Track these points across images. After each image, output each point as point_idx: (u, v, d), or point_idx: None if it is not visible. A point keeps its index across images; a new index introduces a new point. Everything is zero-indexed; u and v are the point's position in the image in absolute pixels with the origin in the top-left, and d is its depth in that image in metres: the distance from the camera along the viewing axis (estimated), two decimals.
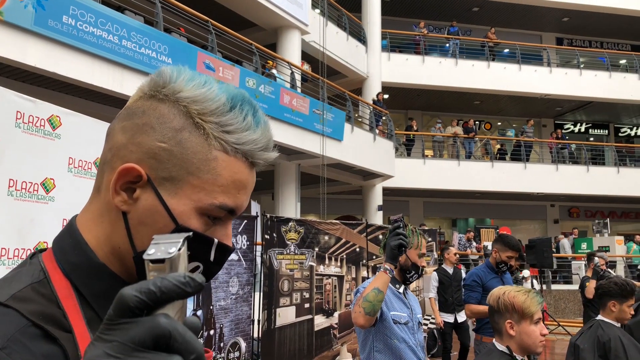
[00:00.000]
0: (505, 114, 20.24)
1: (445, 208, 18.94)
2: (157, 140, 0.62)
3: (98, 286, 0.62)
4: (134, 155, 0.63)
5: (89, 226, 0.65)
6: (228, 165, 0.63)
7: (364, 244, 6.90)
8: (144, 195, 0.62)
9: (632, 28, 19.24)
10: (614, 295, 2.91)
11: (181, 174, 0.62)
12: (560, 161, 16.69)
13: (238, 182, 0.64)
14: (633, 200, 18.31)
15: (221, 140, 0.63)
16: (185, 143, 0.62)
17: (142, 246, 0.62)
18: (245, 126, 0.64)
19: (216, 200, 0.63)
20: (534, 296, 1.75)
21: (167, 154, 0.62)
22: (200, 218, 0.63)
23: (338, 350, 6.46)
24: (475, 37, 18.05)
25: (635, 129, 21.77)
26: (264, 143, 0.66)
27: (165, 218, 0.62)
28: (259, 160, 0.66)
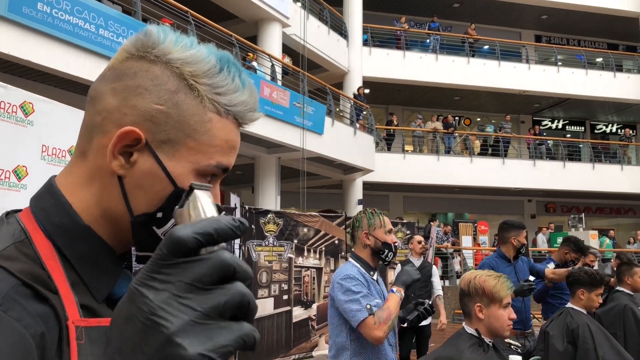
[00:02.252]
0: (485, 109, 20.46)
1: (425, 203, 19.10)
2: (153, 103, 0.61)
3: (82, 249, 0.61)
4: (128, 118, 0.61)
5: (72, 190, 0.64)
6: (222, 126, 0.64)
7: (343, 236, 6.94)
8: (141, 158, 0.61)
9: (608, 27, 19.59)
10: (583, 284, 2.97)
11: (179, 136, 0.62)
12: (537, 157, 16.95)
13: (231, 141, 0.65)
14: (607, 196, 18.70)
15: (214, 102, 0.63)
16: (182, 105, 0.62)
17: (138, 209, 0.62)
18: (234, 87, 0.64)
19: (213, 160, 0.63)
20: (504, 281, 1.78)
21: (164, 116, 0.62)
22: (199, 179, 0.63)
23: (316, 342, 6.49)
24: (455, 33, 18.19)
25: (611, 126, 22.21)
26: (251, 104, 0.67)
27: (163, 181, 0.62)
28: (247, 121, 0.67)
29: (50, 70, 6.02)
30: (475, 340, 1.74)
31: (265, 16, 11.27)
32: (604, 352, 2.77)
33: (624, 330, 3.58)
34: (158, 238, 0.63)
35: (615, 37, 20.56)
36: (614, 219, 20.93)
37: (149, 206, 0.62)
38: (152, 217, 0.63)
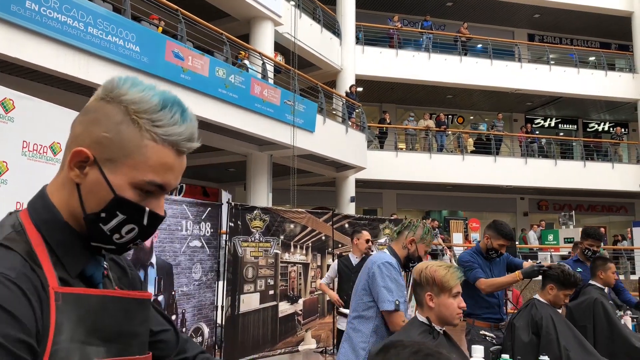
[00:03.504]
0: (478, 108, 20.56)
1: (418, 200, 19.20)
2: (102, 131, 0.82)
3: (61, 238, 0.83)
4: (86, 142, 0.83)
5: (53, 193, 0.86)
6: (156, 152, 0.83)
7: (330, 232, 7.02)
8: (91, 171, 0.82)
9: (601, 26, 19.70)
10: (555, 280, 3.03)
11: (119, 156, 0.82)
12: (529, 155, 17.07)
13: (165, 164, 0.84)
14: (599, 194, 18.82)
15: (152, 132, 0.82)
16: (123, 134, 0.82)
17: (90, 209, 0.83)
18: (172, 122, 0.83)
19: (146, 177, 0.82)
20: (454, 271, 1.86)
21: (108, 141, 0.82)
22: (134, 190, 0.83)
23: (302, 336, 6.58)
24: (448, 32, 18.27)
25: (603, 125, 22.34)
26: (187, 135, 0.85)
27: (106, 189, 0.82)
28: (183, 149, 0.85)
29: (40, 67, 6.08)
30: (425, 327, 1.83)
31: (257, 14, 11.33)
32: (566, 342, 2.86)
33: (593, 323, 3.67)
34: (104, 232, 0.84)
35: (608, 36, 20.67)
36: (606, 217, 21.08)
37: (97, 207, 0.83)
38: (98, 216, 0.83)
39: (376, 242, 7.73)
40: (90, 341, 0.79)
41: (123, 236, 0.85)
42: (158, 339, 0.99)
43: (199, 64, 8.15)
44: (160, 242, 4.71)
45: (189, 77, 7.94)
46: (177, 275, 4.93)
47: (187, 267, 5.07)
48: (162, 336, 1.01)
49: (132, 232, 0.85)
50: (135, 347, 0.88)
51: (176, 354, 1.02)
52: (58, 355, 0.75)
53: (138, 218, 0.84)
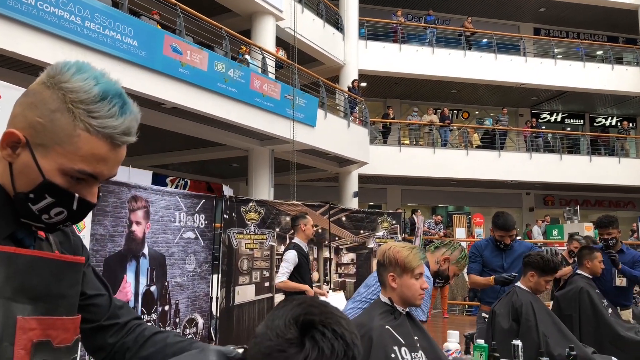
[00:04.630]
0: (483, 103, 20.45)
1: (423, 195, 19.15)
2: (36, 116, 0.83)
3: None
4: (20, 124, 0.84)
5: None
6: (89, 142, 0.83)
7: (327, 225, 7.04)
8: (23, 153, 0.84)
9: (608, 19, 19.50)
10: (535, 267, 3.03)
11: (50, 142, 0.83)
12: (534, 150, 16.96)
13: (97, 155, 0.85)
14: (606, 189, 18.67)
15: (86, 123, 0.83)
16: (56, 121, 0.83)
17: (19, 188, 0.85)
18: (108, 114, 0.84)
19: (75, 166, 0.84)
20: (416, 252, 1.87)
21: (41, 127, 0.83)
22: (64, 177, 0.84)
23: None
24: (452, 26, 18.18)
25: (610, 119, 22.13)
26: (122, 129, 0.85)
27: (36, 172, 0.84)
28: (117, 142, 0.86)
29: (36, 62, 6.13)
30: (387, 308, 1.84)
31: (258, 10, 11.34)
32: (545, 329, 2.86)
33: (579, 312, 3.66)
34: (33, 212, 0.86)
35: (615, 30, 20.46)
36: (612, 212, 20.82)
37: (26, 188, 0.85)
38: (27, 196, 0.85)
39: (374, 235, 7.75)
40: (16, 298, 0.82)
41: (52, 217, 0.87)
42: (90, 303, 1.01)
43: (198, 58, 8.18)
44: (153, 233, 4.76)
45: (187, 71, 7.97)
46: (171, 266, 4.98)
47: (180, 259, 5.11)
48: (96, 300, 1.03)
49: (61, 214, 0.87)
50: (63, 307, 0.90)
51: (106, 318, 1.03)
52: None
53: (67, 203, 0.86)
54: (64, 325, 0.90)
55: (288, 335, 0.68)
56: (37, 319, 0.85)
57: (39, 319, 0.85)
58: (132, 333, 1.05)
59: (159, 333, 1.05)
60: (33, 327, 0.84)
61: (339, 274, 7.28)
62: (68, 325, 0.91)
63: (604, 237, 4.45)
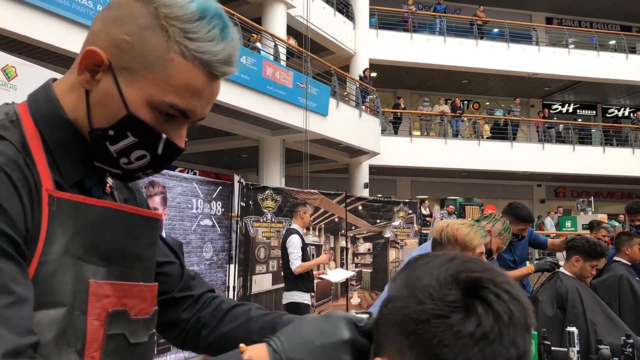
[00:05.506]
0: (494, 93, 20.20)
1: (433, 187, 18.97)
2: (123, 33, 0.69)
3: (61, 136, 0.71)
4: (102, 42, 0.70)
5: (61, 92, 0.73)
6: (183, 69, 0.69)
7: (343, 214, 6.89)
8: (104, 78, 0.70)
9: (621, 8, 19.19)
10: (580, 251, 2.88)
11: (138, 67, 0.69)
12: (547, 141, 16.73)
13: (192, 87, 0.70)
14: (618, 181, 18.43)
15: (182, 45, 0.68)
16: (147, 40, 0.68)
17: (97, 123, 0.70)
18: (208, 37, 0.69)
19: (166, 98, 0.69)
20: (477, 229, 1.73)
21: (129, 47, 0.69)
22: (151, 111, 0.70)
23: None
24: (464, 15, 17.91)
25: (623, 110, 21.84)
26: (223, 56, 0.70)
27: (118, 103, 0.69)
28: (216, 72, 0.71)
29: (48, 46, 6.02)
30: None
31: None
32: (593, 316, 2.71)
33: (619, 300, 3.51)
34: (110, 154, 0.72)
35: (628, 19, 20.14)
36: (624, 204, 20.63)
37: (105, 122, 0.70)
38: (106, 133, 0.70)
39: (390, 224, 7.61)
40: (87, 258, 0.69)
41: (132, 162, 0.73)
42: (161, 271, 0.86)
43: None
44: (170, 219, 4.63)
45: None
46: (188, 253, 4.85)
47: (197, 246, 4.99)
48: (166, 268, 0.88)
49: (142, 159, 0.73)
50: (139, 272, 0.77)
51: (179, 289, 0.89)
52: (46, 268, 0.64)
53: (152, 144, 0.72)
54: (141, 293, 0.76)
55: (449, 298, 0.52)
56: (112, 284, 0.72)
57: (113, 283, 0.72)
58: (208, 307, 0.90)
59: (238, 306, 0.91)
60: (108, 293, 0.71)
61: (355, 264, 7.14)
62: (146, 294, 0.77)
63: (635, 224, 4.32)
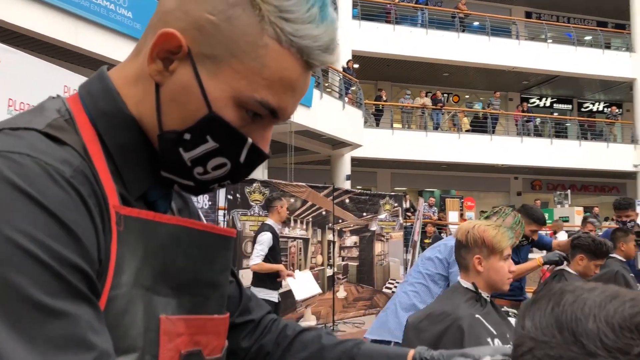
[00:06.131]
0: (473, 86, 20.34)
1: (412, 179, 19.06)
2: (205, 11, 0.55)
3: (123, 138, 0.58)
4: (178, 23, 0.56)
5: (121, 84, 0.60)
6: (278, 57, 0.56)
7: (330, 207, 6.82)
8: (181, 69, 0.56)
9: (598, 4, 19.46)
10: (585, 250, 2.86)
11: (224, 54, 0.55)
12: (525, 134, 16.94)
13: (286, 79, 0.57)
14: (592, 174, 18.79)
15: (277, 27, 0.55)
16: (236, 21, 0.55)
17: (169, 124, 0.57)
18: (307, 18, 0.56)
19: (257, 94, 0.56)
20: (504, 231, 1.67)
21: (213, 28, 0.55)
22: (237, 110, 0.57)
23: (302, 312, 6.42)
24: (445, 8, 17.93)
25: (597, 105, 22.24)
26: (324, 42, 0.58)
27: (198, 100, 0.56)
28: (314, 61, 0.58)
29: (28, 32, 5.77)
30: (472, 294, 1.63)
31: None
32: None
33: None
34: (183, 162, 0.58)
35: (605, 15, 20.44)
36: (598, 197, 21.10)
37: (179, 124, 0.57)
38: (180, 137, 0.57)
39: (377, 218, 7.57)
40: (157, 289, 0.56)
41: (208, 172, 0.59)
42: None
43: None
44: None
45: None
46: None
47: None
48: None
49: (221, 168, 0.59)
50: (214, 302, 0.64)
51: (239, 314, 0.77)
52: (116, 305, 0.52)
53: (235, 150, 0.58)
54: (216, 327, 0.65)
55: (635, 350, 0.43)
56: (185, 319, 0.59)
57: (186, 318, 0.60)
58: (270, 332, 0.79)
59: (305, 331, 0.80)
60: (180, 331, 0.58)
61: (342, 257, 7.09)
62: (220, 328, 0.66)
63: (622, 220, 4.33)
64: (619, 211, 4.44)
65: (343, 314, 7.06)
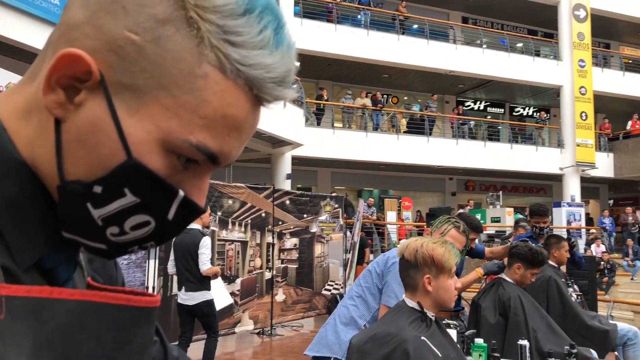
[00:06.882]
0: (412, 89, 20.76)
1: (352, 179, 19.22)
2: (126, 28, 0.42)
3: (10, 190, 0.43)
4: (88, 41, 0.43)
5: (8, 118, 0.46)
6: (221, 90, 0.44)
7: (270, 208, 6.69)
8: (90, 101, 0.43)
9: (529, 13, 20.35)
10: (522, 259, 2.90)
11: (150, 84, 0.43)
12: (460, 136, 17.47)
13: (231, 118, 0.45)
14: (522, 176, 19.67)
15: (220, 52, 0.43)
16: (167, 42, 0.42)
17: (73, 173, 0.43)
18: (259, 42, 0.44)
19: (193, 137, 0.44)
20: (451, 248, 1.62)
21: (135, 51, 0.42)
22: (166, 156, 0.44)
23: (239, 317, 6.25)
24: (386, 9, 18.17)
25: (527, 109, 23.31)
26: (279, 73, 0.45)
27: (114, 142, 0.43)
28: (266, 96, 0.46)
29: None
30: (417, 314, 1.57)
31: None
32: (534, 324, 2.73)
33: (547, 301, 3.62)
34: (92, 221, 0.44)
35: (535, 24, 21.42)
36: (526, 198, 22.14)
37: (88, 172, 0.44)
38: (88, 190, 0.43)
39: (317, 219, 7.50)
40: None
41: (125, 232, 0.46)
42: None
43: None
44: None
45: None
46: None
47: None
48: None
49: (143, 227, 0.46)
50: None
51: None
52: None
53: (161, 206, 0.45)
54: None
55: None
56: None
57: None
58: None
59: None
60: None
61: (281, 260, 6.97)
62: None
63: (539, 225, 4.44)
64: (537, 217, 4.55)
65: (281, 318, 6.95)
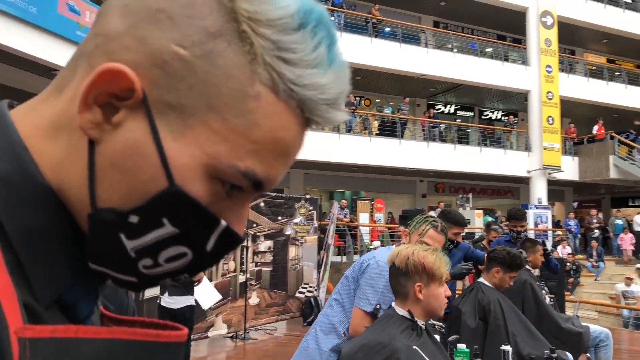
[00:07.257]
0: (385, 91, 20.91)
1: (325, 180, 19.24)
2: (173, 42, 0.38)
3: (33, 219, 0.38)
4: (129, 55, 0.38)
5: (31, 136, 0.40)
6: (273, 113, 0.40)
7: None
8: (130, 121, 0.39)
9: (498, 19, 20.77)
10: (501, 263, 2.93)
11: (198, 105, 0.38)
12: (431, 139, 17.69)
13: (280, 142, 0.41)
14: (491, 178, 20.04)
15: (273, 71, 0.39)
16: (217, 58, 0.38)
17: (106, 200, 0.39)
18: (313, 60, 0.40)
19: (241, 163, 0.40)
20: (442, 255, 1.61)
21: (183, 67, 0.38)
22: (210, 183, 0.40)
23: (212, 322, 6.15)
24: (359, 12, 18.25)
25: (496, 113, 23.77)
26: (333, 94, 0.42)
27: (154, 168, 0.38)
28: (318, 118, 0.43)
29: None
30: (408, 323, 1.56)
31: None
32: (513, 328, 2.76)
33: (522, 304, 3.67)
34: (125, 253, 0.40)
35: (504, 29, 21.87)
36: (495, 200, 22.57)
37: (123, 200, 0.39)
38: (123, 219, 0.39)
39: (291, 221, 7.46)
40: None
41: (159, 264, 0.41)
42: None
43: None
44: None
45: (85, 34, 7.04)
46: None
47: None
48: None
49: (179, 259, 0.41)
50: None
51: None
52: None
53: (201, 237, 0.41)
54: None
55: None
56: None
57: None
58: None
59: None
60: None
61: (255, 263, 6.90)
62: None
63: (517, 229, 4.55)
64: (514, 221, 4.65)
65: (255, 321, 6.88)
